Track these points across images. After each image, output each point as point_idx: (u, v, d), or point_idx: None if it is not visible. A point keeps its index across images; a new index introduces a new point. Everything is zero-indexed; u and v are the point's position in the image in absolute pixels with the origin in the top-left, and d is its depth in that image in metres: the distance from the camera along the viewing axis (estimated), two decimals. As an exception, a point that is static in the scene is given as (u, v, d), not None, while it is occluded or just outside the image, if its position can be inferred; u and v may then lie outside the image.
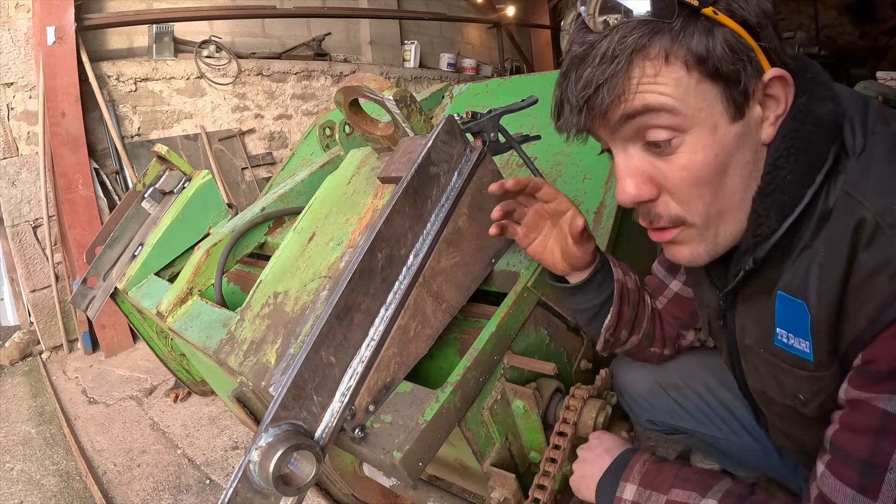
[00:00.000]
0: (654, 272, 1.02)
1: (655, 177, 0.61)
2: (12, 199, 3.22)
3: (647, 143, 0.60)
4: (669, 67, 0.55)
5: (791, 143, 0.59)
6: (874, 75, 4.10)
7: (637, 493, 0.75)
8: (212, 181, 1.60)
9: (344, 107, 1.10)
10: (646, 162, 0.61)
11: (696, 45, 0.55)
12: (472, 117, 1.05)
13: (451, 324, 0.86)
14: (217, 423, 2.28)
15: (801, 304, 0.60)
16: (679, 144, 0.58)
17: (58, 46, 3.13)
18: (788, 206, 0.60)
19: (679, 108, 0.56)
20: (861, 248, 0.55)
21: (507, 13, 7.11)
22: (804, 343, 0.62)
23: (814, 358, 0.62)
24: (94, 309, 1.63)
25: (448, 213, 0.83)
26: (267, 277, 1.08)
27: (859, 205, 0.55)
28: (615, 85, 0.56)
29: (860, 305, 0.55)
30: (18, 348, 3.29)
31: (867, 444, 0.55)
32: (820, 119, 0.59)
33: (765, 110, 0.60)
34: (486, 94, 1.78)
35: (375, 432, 0.76)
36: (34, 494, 1.98)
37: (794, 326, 0.63)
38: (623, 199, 0.63)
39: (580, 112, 0.59)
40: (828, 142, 0.59)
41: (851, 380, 0.58)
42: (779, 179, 0.60)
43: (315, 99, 4.73)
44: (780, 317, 0.65)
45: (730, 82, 0.56)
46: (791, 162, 0.59)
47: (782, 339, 0.66)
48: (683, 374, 1.04)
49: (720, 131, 0.58)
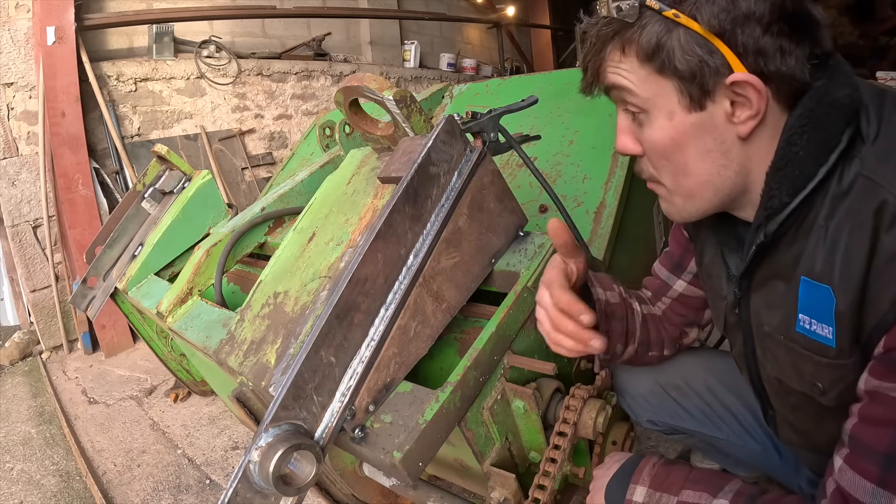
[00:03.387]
0: (656, 273, 1.02)
1: (638, 139, 0.71)
2: (12, 199, 3.22)
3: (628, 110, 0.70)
4: (627, 58, 0.65)
5: (805, 122, 0.62)
6: (874, 75, 4.09)
7: (647, 494, 0.75)
8: (212, 181, 1.60)
9: (344, 107, 1.10)
10: (632, 125, 0.71)
11: (647, 43, 0.62)
12: (472, 117, 1.06)
13: (451, 324, 0.86)
14: (217, 423, 2.28)
15: (827, 289, 0.61)
16: (644, 119, 0.68)
17: (58, 46, 3.13)
18: (800, 181, 0.62)
19: (636, 91, 0.66)
20: (883, 230, 0.56)
21: (507, 13, 7.11)
22: (827, 329, 0.63)
23: (836, 344, 0.62)
24: (94, 309, 1.63)
25: (448, 213, 0.83)
26: (267, 277, 1.08)
27: (880, 188, 0.57)
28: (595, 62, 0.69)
29: (884, 288, 0.56)
30: (18, 348, 3.29)
31: (888, 436, 0.55)
32: (836, 101, 0.61)
33: (735, 108, 0.63)
34: (486, 94, 1.78)
35: (375, 432, 0.76)
36: (34, 494, 1.98)
37: (818, 312, 0.63)
38: (617, 148, 0.74)
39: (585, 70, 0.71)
40: (842, 124, 0.61)
41: (872, 369, 0.59)
42: (791, 154, 0.62)
43: (315, 99, 4.73)
44: (804, 302, 0.65)
45: (684, 78, 0.62)
46: (804, 139, 0.62)
47: (804, 325, 0.66)
48: (684, 374, 1.04)
49: (676, 118, 0.65)
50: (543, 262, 0.92)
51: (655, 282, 1.02)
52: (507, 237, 0.94)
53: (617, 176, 1.25)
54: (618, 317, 0.93)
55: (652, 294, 1.03)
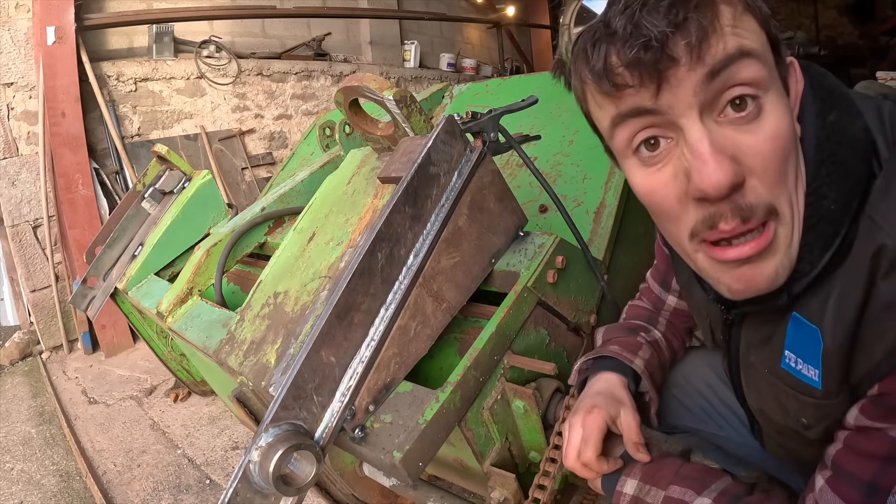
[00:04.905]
0: (650, 284, 1.03)
1: (738, 155, 0.49)
2: (12, 199, 3.22)
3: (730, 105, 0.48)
4: (747, 17, 0.48)
5: (832, 169, 0.53)
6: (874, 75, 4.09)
7: (637, 487, 0.75)
8: (212, 181, 1.60)
9: (344, 107, 1.10)
10: (726, 137, 0.49)
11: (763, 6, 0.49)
12: (472, 117, 1.05)
13: (451, 324, 0.86)
14: (217, 423, 2.28)
15: (816, 331, 0.57)
16: (766, 104, 0.49)
17: (58, 46, 3.13)
18: (831, 237, 0.54)
19: (765, 55, 0.48)
20: (880, 276, 0.50)
21: (507, 13, 7.11)
22: (813, 371, 0.59)
23: (822, 387, 0.59)
24: (94, 309, 1.63)
25: (448, 213, 0.83)
26: (267, 277, 1.08)
27: (880, 230, 0.51)
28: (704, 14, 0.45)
29: (877, 336, 0.52)
30: (18, 348, 3.29)
31: (874, 468, 0.54)
32: (854, 140, 0.54)
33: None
34: (486, 94, 1.78)
35: (375, 432, 0.76)
36: (34, 494, 1.98)
37: (805, 352, 0.59)
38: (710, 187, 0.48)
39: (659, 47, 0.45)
40: (867, 163, 0.54)
41: (864, 408, 0.55)
42: (823, 210, 0.53)
43: (315, 99, 4.73)
44: (791, 340, 0.61)
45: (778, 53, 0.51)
46: (834, 191, 0.53)
47: (790, 362, 0.62)
48: (685, 371, 1.04)
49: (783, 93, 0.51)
50: (543, 262, 0.92)
51: (652, 296, 1.02)
52: (507, 237, 0.94)
53: (617, 176, 1.25)
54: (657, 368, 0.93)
55: (652, 308, 1.03)
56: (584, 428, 0.76)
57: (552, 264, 0.93)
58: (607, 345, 0.92)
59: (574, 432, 0.76)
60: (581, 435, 0.75)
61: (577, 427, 0.76)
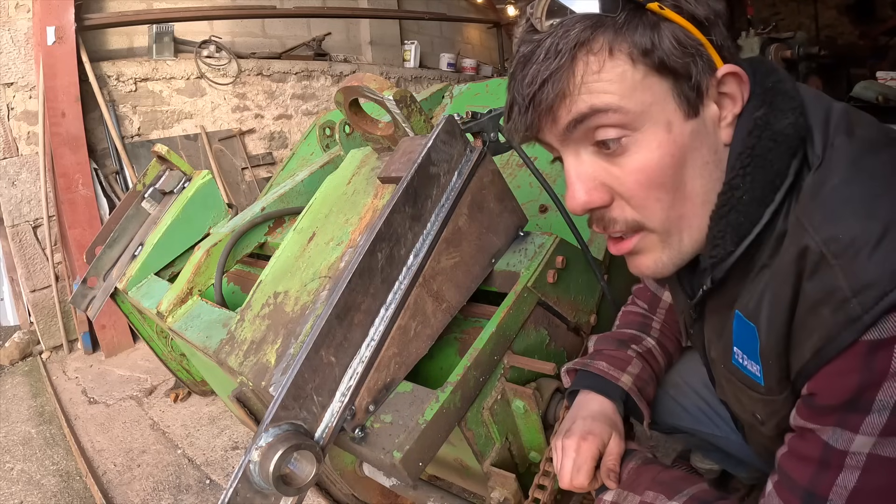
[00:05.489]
0: (645, 282, 1.03)
1: (608, 181, 0.59)
2: (12, 199, 3.22)
3: (597, 144, 0.57)
4: (614, 61, 0.54)
5: (747, 162, 0.57)
6: (874, 75, 4.09)
7: (616, 493, 0.76)
8: (212, 181, 1.60)
9: (344, 107, 1.10)
10: (598, 166, 0.59)
11: (640, 38, 0.53)
12: (472, 117, 1.05)
13: (451, 324, 0.86)
14: (217, 423, 2.28)
15: (753, 329, 0.60)
16: (630, 144, 0.56)
17: (58, 46, 3.13)
18: (745, 227, 0.57)
19: (626, 105, 0.54)
20: (805, 277, 0.52)
21: (507, 13, 7.11)
22: (755, 367, 0.62)
23: (764, 382, 0.62)
24: (94, 309, 1.63)
25: (448, 213, 0.83)
26: (267, 277, 1.08)
27: (805, 232, 0.52)
28: (559, 79, 0.54)
29: (805, 336, 0.54)
30: (18, 348, 3.29)
31: (810, 473, 0.55)
32: (779, 134, 0.56)
33: (721, 109, 0.58)
34: (486, 94, 1.78)
35: (375, 432, 0.76)
36: (34, 494, 1.98)
37: (748, 348, 0.62)
38: (573, 207, 0.60)
39: (526, 111, 0.57)
40: (787, 157, 0.56)
41: (799, 409, 0.58)
42: (734, 200, 0.57)
43: (315, 99, 4.73)
44: (738, 336, 0.64)
45: (679, 77, 0.55)
46: (748, 182, 0.57)
47: (738, 358, 0.65)
48: (682, 372, 1.04)
49: (675, 129, 0.56)
50: (543, 262, 0.92)
51: (647, 293, 1.03)
52: (507, 237, 0.94)
53: (617, 176, 1.25)
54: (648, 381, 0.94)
55: (646, 312, 1.03)
56: (577, 454, 0.77)
57: (552, 264, 0.93)
58: (596, 358, 0.92)
59: (567, 457, 0.78)
60: (574, 462, 0.77)
61: (571, 452, 0.78)
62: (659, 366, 0.98)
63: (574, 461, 0.77)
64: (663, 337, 1.01)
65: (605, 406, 0.85)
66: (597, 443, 0.78)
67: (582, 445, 0.77)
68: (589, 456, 0.77)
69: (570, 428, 0.81)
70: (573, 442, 0.78)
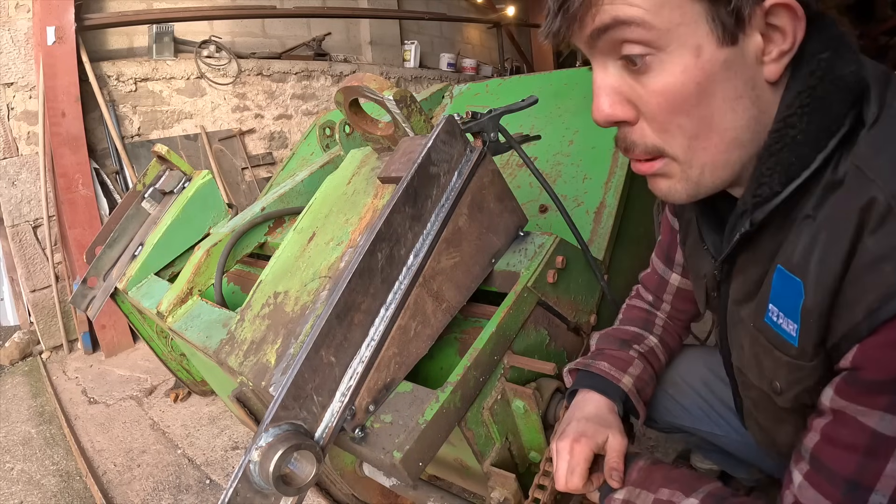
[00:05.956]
0: (654, 266, 1.03)
1: (633, 98, 0.57)
2: (12, 199, 3.22)
3: (623, 59, 0.56)
4: None
5: (806, 101, 0.54)
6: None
7: (627, 492, 0.76)
8: (212, 181, 1.60)
9: (344, 107, 1.10)
10: (623, 81, 0.57)
11: None
12: (472, 117, 1.05)
13: (451, 324, 0.86)
14: (217, 423, 2.28)
15: (798, 283, 0.56)
16: (655, 64, 0.54)
17: (58, 46, 3.13)
18: (795, 168, 0.55)
19: (652, 21, 0.52)
20: (868, 231, 0.50)
21: (507, 13, 7.11)
22: (792, 325, 0.58)
23: (798, 343, 0.58)
24: (94, 309, 1.63)
25: (448, 213, 0.83)
26: (267, 277, 1.08)
27: (871, 183, 0.50)
28: None
29: (859, 294, 0.50)
30: (18, 348, 3.29)
31: (854, 463, 0.52)
32: (840, 80, 0.54)
33: (767, 43, 0.54)
34: (486, 94, 1.78)
35: (375, 432, 0.76)
36: (34, 494, 1.98)
37: (786, 305, 0.59)
38: (596, 118, 0.59)
39: (556, 16, 0.57)
40: (846, 105, 0.54)
41: (839, 388, 0.54)
42: (788, 139, 0.55)
43: (315, 99, 4.73)
44: (776, 292, 0.60)
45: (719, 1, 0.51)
46: (804, 122, 0.54)
47: (773, 316, 0.61)
48: (681, 371, 1.04)
49: (704, 55, 0.53)
50: (543, 261, 0.92)
51: (654, 278, 1.02)
52: (508, 237, 0.94)
53: (617, 176, 1.25)
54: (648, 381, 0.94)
55: (653, 297, 1.03)
56: (571, 456, 0.77)
57: (552, 264, 0.93)
58: (598, 358, 0.92)
59: (562, 459, 0.78)
60: (568, 464, 0.77)
61: (565, 454, 0.78)
62: (660, 364, 0.98)
63: (568, 463, 0.77)
64: (666, 334, 1.01)
65: (602, 406, 0.85)
66: (590, 444, 0.78)
67: (575, 448, 0.77)
68: (582, 458, 0.77)
69: (565, 430, 0.81)
70: (566, 444, 0.78)
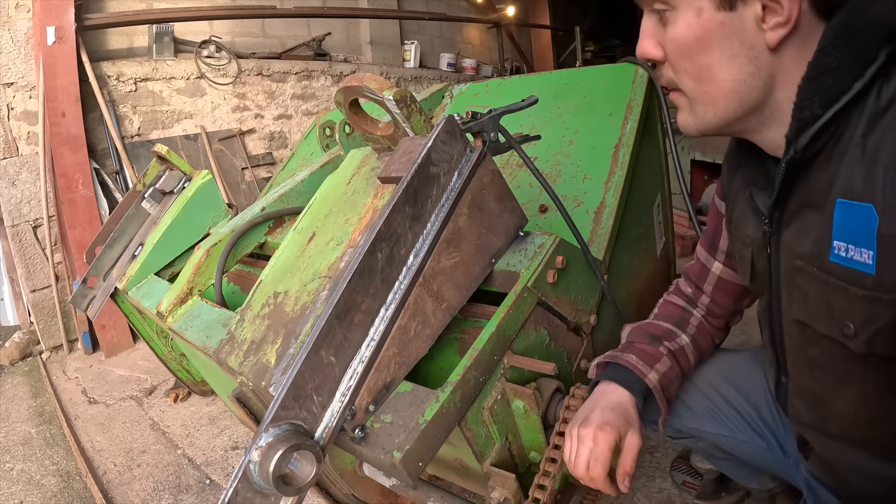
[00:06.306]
0: (697, 256, 1.03)
1: (662, 42, 0.71)
2: (12, 199, 3.22)
3: (655, 12, 0.70)
4: None
5: (841, 33, 0.60)
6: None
7: None
8: (212, 181, 1.60)
9: (344, 107, 1.10)
10: (657, 28, 0.71)
11: None
12: (472, 117, 1.05)
13: (451, 324, 0.86)
14: (217, 423, 2.28)
15: (868, 208, 0.58)
16: (670, 18, 0.68)
17: (58, 46, 3.13)
18: (833, 93, 0.60)
19: None
20: None
21: (507, 13, 7.11)
22: (867, 253, 0.59)
23: (876, 271, 0.59)
24: (94, 309, 1.63)
25: (448, 213, 0.83)
26: (267, 277, 1.08)
27: None
28: None
29: None
30: (18, 348, 3.29)
31: None
32: (873, 16, 0.60)
33: (766, 13, 0.62)
34: (486, 94, 1.78)
35: (375, 432, 0.76)
36: (34, 494, 1.98)
37: (857, 235, 0.60)
38: (637, 53, 0.74)
39: None
40: (879, 39, 0.59)
41: None
42: (825, 65, 0.61)
43: (315, 99, 4.73)
44: (839, 227, 0.62)
45: None
46: (839, 50, 0.60)
47: (839, 252, 0.63)
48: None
49: (704, 15, 0.64)
50: (543, 262, 0.92)
51: (696, 267, 1.03)
52: (508, 237, 0.94)
53: (617, 176, 1.25)
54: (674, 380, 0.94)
55: (693, 288, 1.03)
56: (595, 444, 0.77)
57: (552, 264, 0.93)
58: (627, 351, 0.92)
59: (584, 445, 0.77)
60: (590, 450, 0.76)
61: (588, 440, 0.77)
62: (689, 364, 0.98)
63: (591, 451, 0.76)
64: (699, 334, 1.01)
65: (625, 399, 0.85)
66: (614, 434, 0.77)
67: (599, 435, 0.77)
68: (607, 447, 0.76)
69: (588, 417, 0.80)
70: (590, 431, 0.78)
